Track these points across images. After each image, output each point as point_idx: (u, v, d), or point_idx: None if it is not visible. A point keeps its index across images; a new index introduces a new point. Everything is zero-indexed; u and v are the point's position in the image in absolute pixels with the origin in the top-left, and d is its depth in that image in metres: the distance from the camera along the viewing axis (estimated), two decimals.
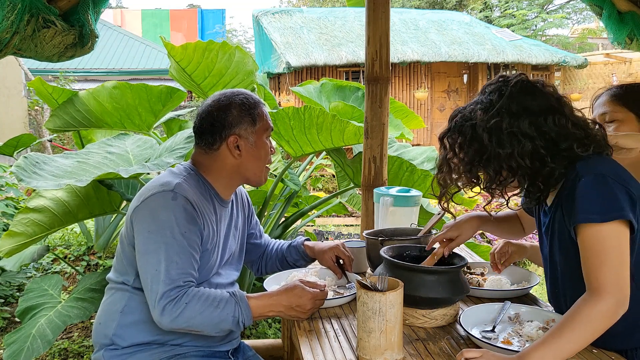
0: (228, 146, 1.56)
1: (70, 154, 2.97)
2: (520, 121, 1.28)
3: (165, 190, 1.47)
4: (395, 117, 3.99)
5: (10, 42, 1.53)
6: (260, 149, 1.59)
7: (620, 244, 1.21)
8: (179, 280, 1.41)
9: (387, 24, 2.55)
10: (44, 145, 9.09)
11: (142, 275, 1.45)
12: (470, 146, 1.33)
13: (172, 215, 1.44)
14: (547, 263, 1.48)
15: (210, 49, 3.03)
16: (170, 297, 1.38)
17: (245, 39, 24.36)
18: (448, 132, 1.39)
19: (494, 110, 1.30)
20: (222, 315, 1.42)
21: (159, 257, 1.41)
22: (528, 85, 1.34)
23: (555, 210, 1.37)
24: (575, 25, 22.26)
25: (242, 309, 1.45)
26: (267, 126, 1.61)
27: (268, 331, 3.22)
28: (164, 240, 1.42)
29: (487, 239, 5.16)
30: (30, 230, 2.71)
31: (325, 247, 1.83)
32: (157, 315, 1.39)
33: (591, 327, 1.17)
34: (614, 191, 1.22)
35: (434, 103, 12.48)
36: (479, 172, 1.35)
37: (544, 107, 1.30)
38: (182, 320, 1.39)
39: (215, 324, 1.43)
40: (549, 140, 1.29)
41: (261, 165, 1.62)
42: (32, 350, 2.35)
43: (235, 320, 1.44)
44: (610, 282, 1.18)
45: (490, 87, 1.37)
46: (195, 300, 1.40)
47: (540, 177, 1.30)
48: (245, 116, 1.57)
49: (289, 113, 2.83)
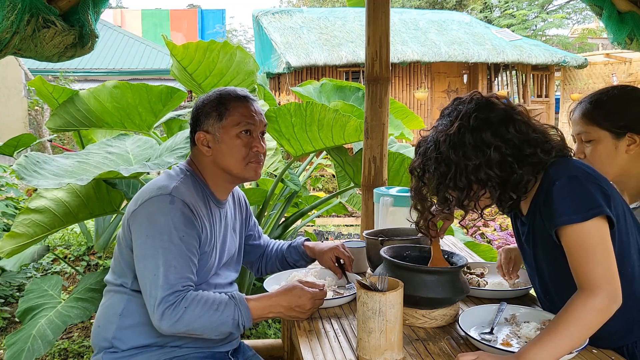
0: (197, 142, 1.57)
1: (71, 154, 2.98)
2: (483, 133, 1.31)
3: (163, 194, 1.46)
4: (396, 117, 4.00)
5: (10, 42, 1.53)
6: (228, 145, 1.54)
7: (603, 238, 1.23)
8: (178, 284, 1.40)
9: (387, 24, 2.55)
10: (44, 145, 9.09)
11: (140, 280, 1.44)
12: (438, 167, 1.35)
13: (169, 220, 1.43)
14: (533, 271, 1.49)
15: (212, 49, 3.04)
16: (169, 302, 1.38)
17: (245, 39, 24.37)
18: (415, 163, 1.42)
19: (454, 129, 1.34)
20: (221, 318, 1.42)
21: (157, 262, 1.40)
22: (482, 100, 1.37)
23: (533, 218, 1.38)
24: (575, 25, 22.27)
25: (242, 311, 1.44)
26: (237, 121, 1.55)
27: (268, 331, 3.22)
28: (162, 245, 1.41)
29: (487, 238, 5.16)
30: (31, 230, 2.72)
31: (325, 247, 1.83)
32: (157, 321, 1.38)
33: (585, 322, 1.18)
34: (589, 190, 1.24)
35: (434, 103, 12.48)
36: (449, 191, 1.36)
37: (502, 117, 1.33)
38: (181, 324, 1.38)
39: (215, 327, 1.42)
40: (514, 147, 1.31)
41: (236, 162, 1.56)
42: (33, 350, 2.36)
43: (235, 322, 1.44)
44: (599, 276, 1.20)
45: (447, 110, 1.41)
46: (194, 304, 1.40)
47: (510, 185, 1.33)
48: (212, 112, 1.56)
49: (290, 109, 2.83)
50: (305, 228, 4.53)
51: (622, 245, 1.31)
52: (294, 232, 3.61)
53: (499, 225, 5.39)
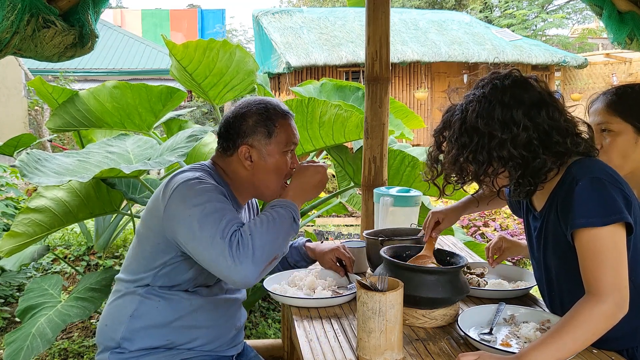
0: (239, 155, 1.55)
1: (72, 153, 2.98)
2: (514, 111, 1.28)
3: (190, 179, 1.44)
4: (396, 117, 4.00)
5: (10, 42, 1.53)
6: (273, 163, 1.54)
7: (618, 245, 1.21)
8: (231, 227, 1.35)
9: (387, 24, 2.55)
10: (44, 145, 9.08)
11: (199, 257, 1.36)
12: (460, 137, 1.32)
13: (204, 195, 1.40)
14: (539, 266, 1.47)
15: (211, 48, 3.03)
16: (234, 243, 1.32)
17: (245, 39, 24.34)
18: (438, 127, 1.40)
19: (486, 102, 1.30)
20: (284, 224, 1.40)
21: (207, 227, 1.34)
22: (520, 79, 1.34)
23: (548, 214, 1.36)
24: (575, 25, 22.26)
25: (289, 205, 1.45)
26: (286, 140, 1.55)
27: (268, 331, 3.22)
28: (205, 214, 1.36)
29: (487, 238, 5.16)
30: (31, 230, 2.72)
31: (326, 248, 1.83)
32: (235, 269, 1.30)
33: (591, 328, 1.17)
34: (612, 194, 1.22)
35: (434, 103, 12.48)
36: (468, 164, 1.33)
37: (537, 100, 1.30)
38: (259, 253, 1.32)
39: (285, 235, 1.41)
40: (542, 132, 1.28)
41: (275, 180, 1.56)
42: (32, 349, 2.35)
43: (291, 218, 1.44)
44: (609, 283, 1.18)
45: (482, 82, 1.37)
46: (255, 228, 1.36)
47: (531, 168, 1.29)
48: (260, 127, 1.54)
49: (292, 105, 2.83)
50: (305, 228, 4.53)
51: (636, 251, 1.30)
52: None
53: (499, 225, 5.39)
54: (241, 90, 3.34)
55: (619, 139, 1.52)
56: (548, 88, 1.35)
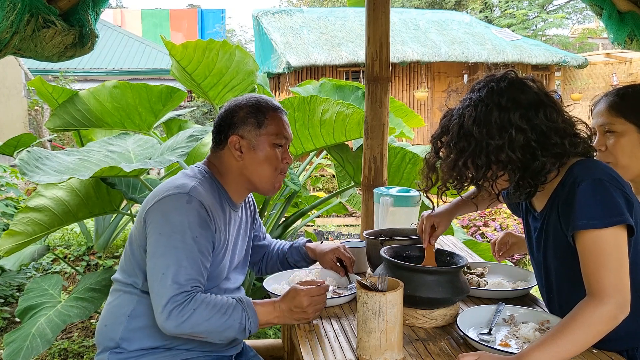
0: (229, 146, 1.55)
1: (72, 151, 2.97)
2: (511, 114, 1.27)
3: (181, 193, 1.44)
4: (396, 116, 4.00)
5: (10, 42, 1.53)
6: (263, 154, 1.55)
7: (619, 247, 1.20)
8: (187, 285, 1.38)
9: (387, 24, 2.55)
10: (44, 145, 9.07)
11: (149, 277, 1.42)
12: (458, 142, 1.31)
13: (185, 219, 1.41)
14: (539, 267, 1.47)
15: (211, 48, 3.03)
16: (177, 302, 1.35)
17: (245, 39, 24.35)
18: (436, 133, 1.40)
19: (483, 105, 1.30)
20: (229, 322, 1.40)
21: (167, 261, 1.38)
22: (516, 80, 1.33)
23: (549, 215, 1.36)
24: (575, 25, 22.25)
25: (249, 315, 1.43)
26: (275, 132, 1.56)
27: (268, 331, 3.22)
28: (174, 244, 1.39)
29: (487, 238, 5.16)
30: (30, 229, 2.71)
31: (326, 248, 1.83)
32: (162, 320, 1.35)
33: (592, 330, 1.17)
34: (613, 196, 1.22)
35: (434, 103, 12.48)
36: (467, 169, 1.32)
37: (534, 101, 1.29)
38: (187, 326, 1.36)
39: (221, 331, 1.41)
40: (540, 134, 1.27)
41: (266, 172, 1.57)
42: (32, 349, 2.35)
43: (242, 327, 1.42)
44: (610, 285, 1.18)
45: (478, 85, 1.36)
46: (203, 306, 1.38)
47: (530, 171, 1.29)
48: (251, 118, 1.55)
49: (294, 103, 2.83)
50: (305, 228, 4.53)
51: (637, 253, 1.29)
52: (294, 232, 3.61)
53: (499, 225, 5.38)
54: (241, 90, 3.34)
55: (623, 140, 1.52)
56: (545, 88, 1.34)
